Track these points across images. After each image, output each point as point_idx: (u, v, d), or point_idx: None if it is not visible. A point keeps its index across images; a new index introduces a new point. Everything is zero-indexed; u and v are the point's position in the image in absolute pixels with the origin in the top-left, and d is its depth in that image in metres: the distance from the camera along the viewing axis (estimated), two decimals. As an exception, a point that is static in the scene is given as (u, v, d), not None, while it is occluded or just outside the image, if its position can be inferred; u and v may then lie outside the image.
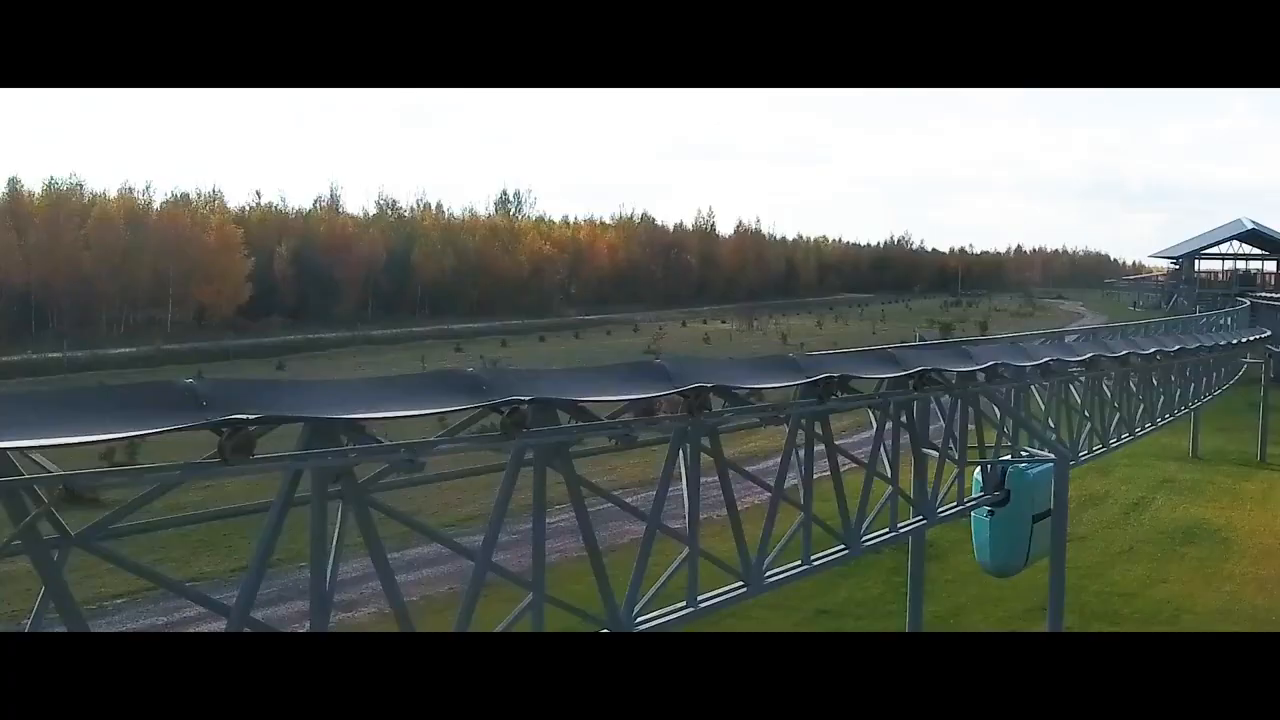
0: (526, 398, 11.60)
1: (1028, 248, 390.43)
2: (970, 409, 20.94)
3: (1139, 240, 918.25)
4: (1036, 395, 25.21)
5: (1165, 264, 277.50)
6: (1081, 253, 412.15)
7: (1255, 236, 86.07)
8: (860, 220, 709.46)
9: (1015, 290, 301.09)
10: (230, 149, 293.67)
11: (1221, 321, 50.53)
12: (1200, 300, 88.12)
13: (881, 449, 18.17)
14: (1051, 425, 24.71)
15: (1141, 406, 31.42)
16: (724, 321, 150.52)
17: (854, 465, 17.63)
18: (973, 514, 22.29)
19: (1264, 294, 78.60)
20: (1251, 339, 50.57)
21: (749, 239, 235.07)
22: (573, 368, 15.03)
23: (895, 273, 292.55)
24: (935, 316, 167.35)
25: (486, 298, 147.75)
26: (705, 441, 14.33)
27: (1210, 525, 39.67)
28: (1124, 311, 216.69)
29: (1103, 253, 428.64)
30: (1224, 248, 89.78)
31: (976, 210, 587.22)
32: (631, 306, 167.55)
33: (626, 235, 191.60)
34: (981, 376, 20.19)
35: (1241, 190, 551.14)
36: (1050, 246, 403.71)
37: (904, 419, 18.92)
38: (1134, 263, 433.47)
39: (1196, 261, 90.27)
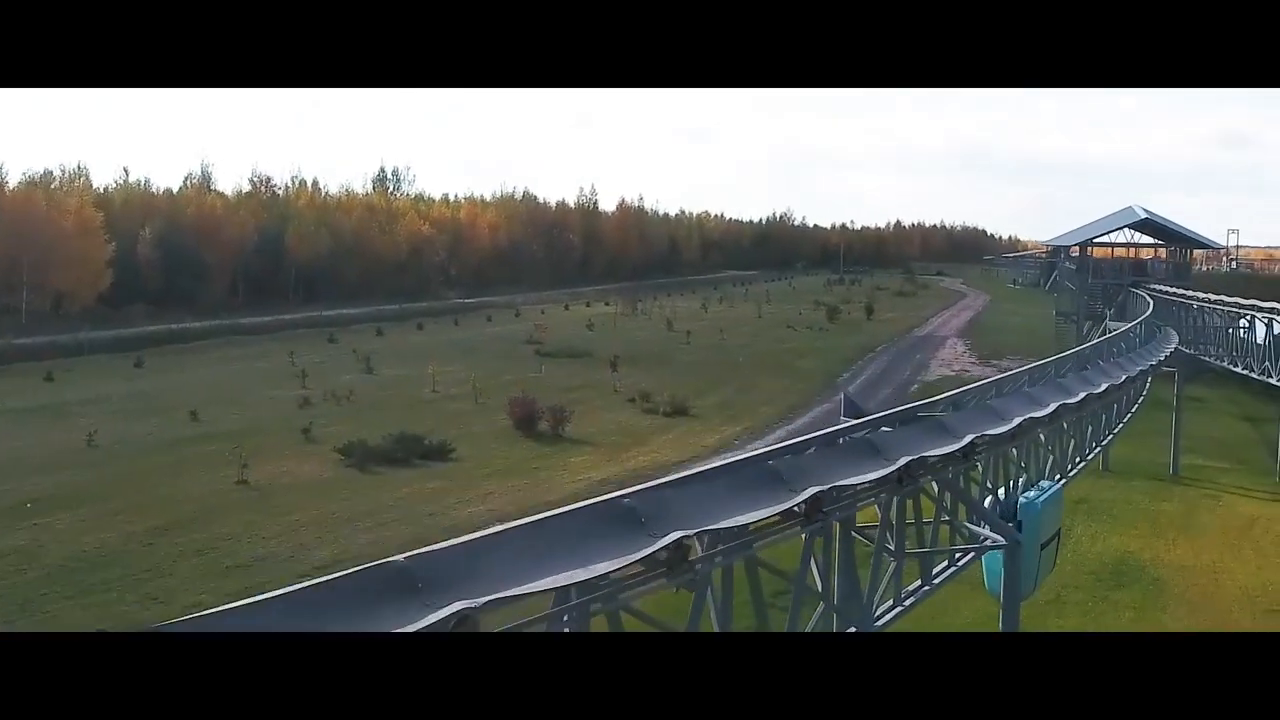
0: (690, 531, 11.34)
1: (907, 223, 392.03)
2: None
3: (1014, 215, 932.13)
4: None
5: (1043, 240, 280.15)
6: (959, 228, 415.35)
7: (1149, 226, 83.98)
8: (743, 197, 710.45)
9: (896, 266, 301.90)
10: (98, 123, 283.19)
11: (1133, 333, 47.60)
12: (1093, 290, 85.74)
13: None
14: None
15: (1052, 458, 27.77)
16: (607, 304, 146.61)
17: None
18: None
19: (1159, 286, 76.42)
20: (1164, 355, 47.77)
21: (631, 216, 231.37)
22: (690, 477, 13.36)
23: (778, 249, 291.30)
24: (820, 297, 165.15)
25: (363, 280, 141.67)
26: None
27: (1137, 561, 36.71)
28: (1004, 289, 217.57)
29: (979, 227, 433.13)
30: (1116, 235, 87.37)
31: (857, 186, 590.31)
32: (513, 287, 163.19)
33: (508, 214, 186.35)
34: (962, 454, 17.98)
35: (1114, 166, 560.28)
36: (929, 221, 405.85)
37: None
38: (1010, 237, 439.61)
39: (1089, 249, 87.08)
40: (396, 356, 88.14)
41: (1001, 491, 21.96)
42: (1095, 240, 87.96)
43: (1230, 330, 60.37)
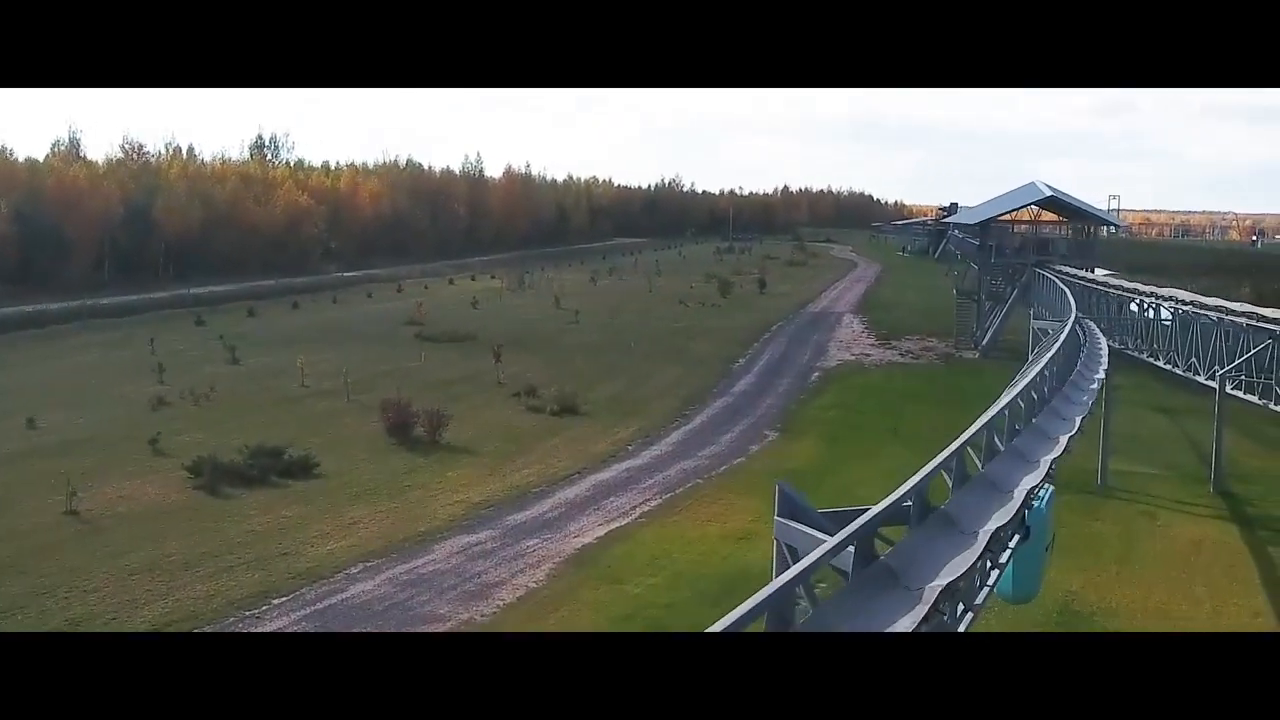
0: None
1: (795, 188, 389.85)
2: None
3: (900, 180, 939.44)
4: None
5: (929, 204, 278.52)
6: (846, 193, 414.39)
7: (1053, 203, 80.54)
8: (632, 164, 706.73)
9: (784, 232, 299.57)
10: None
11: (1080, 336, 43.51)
12: (997, 270, 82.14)
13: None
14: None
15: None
16: (494, 277, 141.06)
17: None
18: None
19: (1065, 268, 73.02)
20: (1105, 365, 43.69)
21: (519, 184, 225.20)
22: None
23: (667, 216, 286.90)
24: (711, 268, 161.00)
25: (238, 255, 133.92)
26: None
27: (1083, 605, 32.50)
28: (894, 257, 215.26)
29: (866, 193, 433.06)
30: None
31: (745, 151, 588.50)
32: (397, 259, 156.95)
33: (390, 182, 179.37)
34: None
35: (995, 133, 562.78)
36: (816, 186, 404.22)
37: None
38: (896, 202, 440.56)
39: (991, 226, 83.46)
40: (267, 341, 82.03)
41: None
42: (998, 218, 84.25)
43: (1140, 316, 56.98)
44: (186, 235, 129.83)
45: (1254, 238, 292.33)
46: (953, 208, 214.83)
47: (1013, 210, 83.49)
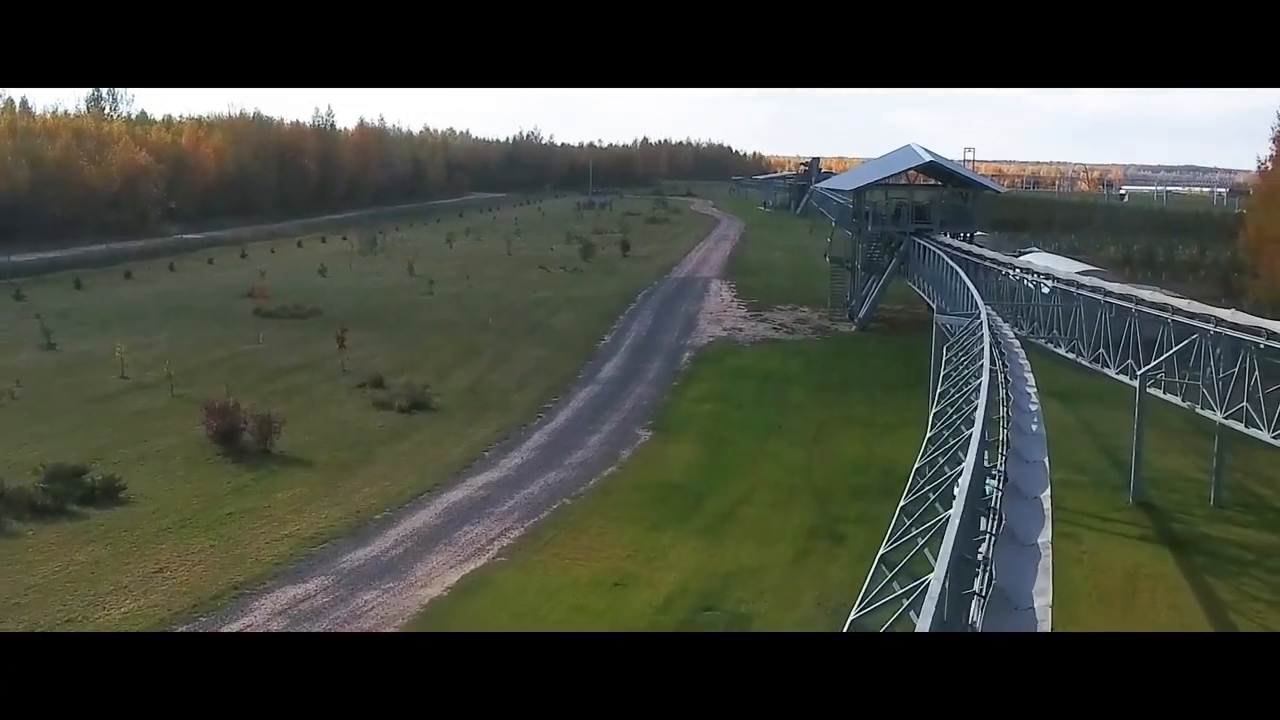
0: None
1: (654, 140, 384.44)
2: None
3: (757, 131, 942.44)
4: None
5: (786, 156, 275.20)
6: (704, 144, 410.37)
7: (933, 169, 76.07)
8: (489, 117, 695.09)
9: (644, 185, 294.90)
10: None
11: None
12: (873, 239, 77.37)
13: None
14: None
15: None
16: (344, 238, 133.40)
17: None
18: None
19: (947, 240, 68.45)
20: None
21: (372, 137, 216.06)
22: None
23: (525, 170, 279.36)
24: (572, 226, 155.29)
25: (70, 217, 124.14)
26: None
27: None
28: (756, 212, 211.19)
29: (725, 144, 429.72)
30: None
31: (604, 101, 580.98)
32: (243, 219, 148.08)
33: (235, 137, 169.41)
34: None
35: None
36: (674, 138, 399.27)
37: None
38: (754, 154, 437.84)
39: (866, 192, 78.54)
40: (91, 320, 74.23)
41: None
42: (875, 184, 79.35)
43: (1023, 293, 52.53)
44: (12, 197, 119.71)
45: (1120, 192, 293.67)
46: (814, 163, 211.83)
47: (890, 176, 78.60)
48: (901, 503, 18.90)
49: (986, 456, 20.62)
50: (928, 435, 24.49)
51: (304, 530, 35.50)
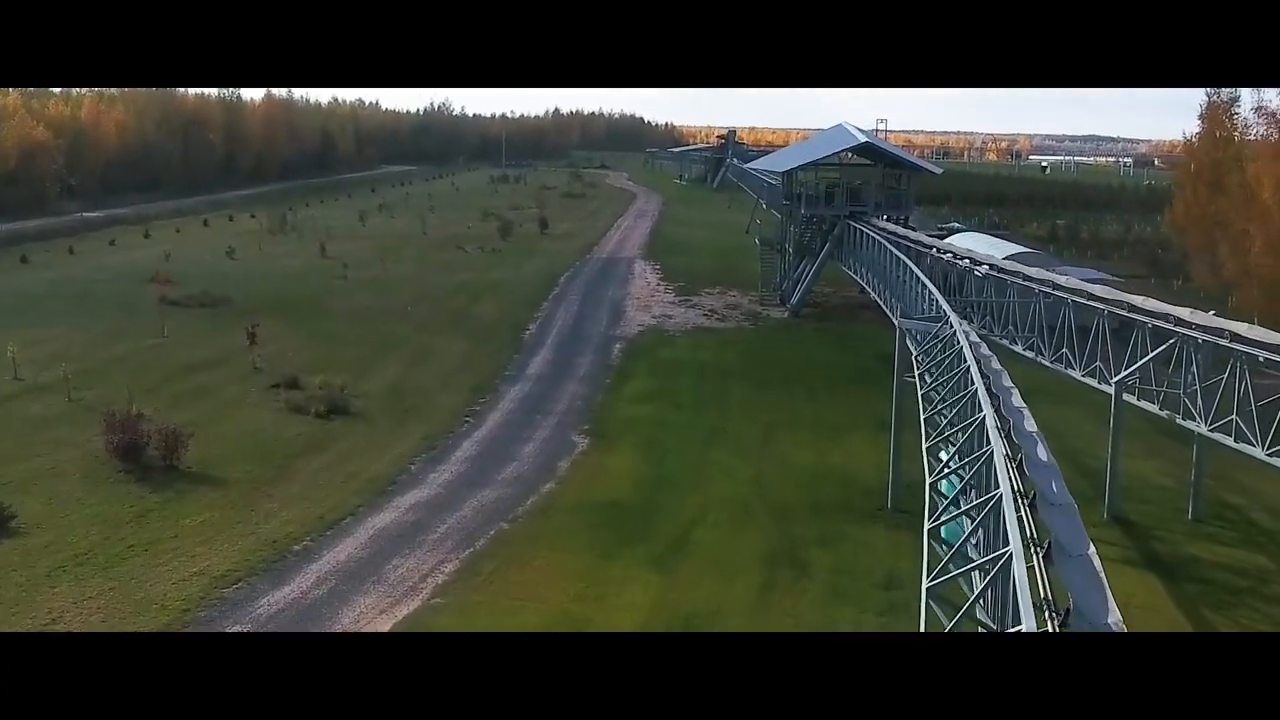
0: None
1: (565, 110, 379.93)
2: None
3: (671, 103, 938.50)
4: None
5: (700, 128, 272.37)
6: (617, 115, 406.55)
7: (868, 150, 73.21)
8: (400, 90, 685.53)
9: (557, 157, 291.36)
10: None
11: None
12: (805, 222, 74.40)
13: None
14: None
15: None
16: (253, 216, 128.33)
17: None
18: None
19: (884, 224, 65.62)
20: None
21: (279, 109, 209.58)
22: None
23: (437, 142, 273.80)
24: (487, 201, 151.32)
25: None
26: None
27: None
28: (672, 186, 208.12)
29: (637, 115, 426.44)
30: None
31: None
32: (146, 196, 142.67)
33: (138, 110, 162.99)
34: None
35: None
36: (586, 109, 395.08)
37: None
38: (667, 124, 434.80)
39: (796, 174, 75.48)
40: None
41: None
42: (808, 164, 76.24)
43: (972, 285, 49.83)
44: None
45: (1043, 164, 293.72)
46: (730, 136, 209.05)
47: (823, 158, 75.58)
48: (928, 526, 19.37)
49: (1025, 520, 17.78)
50: (929, 478, 21.80)
51: (215, 566, 31.83)
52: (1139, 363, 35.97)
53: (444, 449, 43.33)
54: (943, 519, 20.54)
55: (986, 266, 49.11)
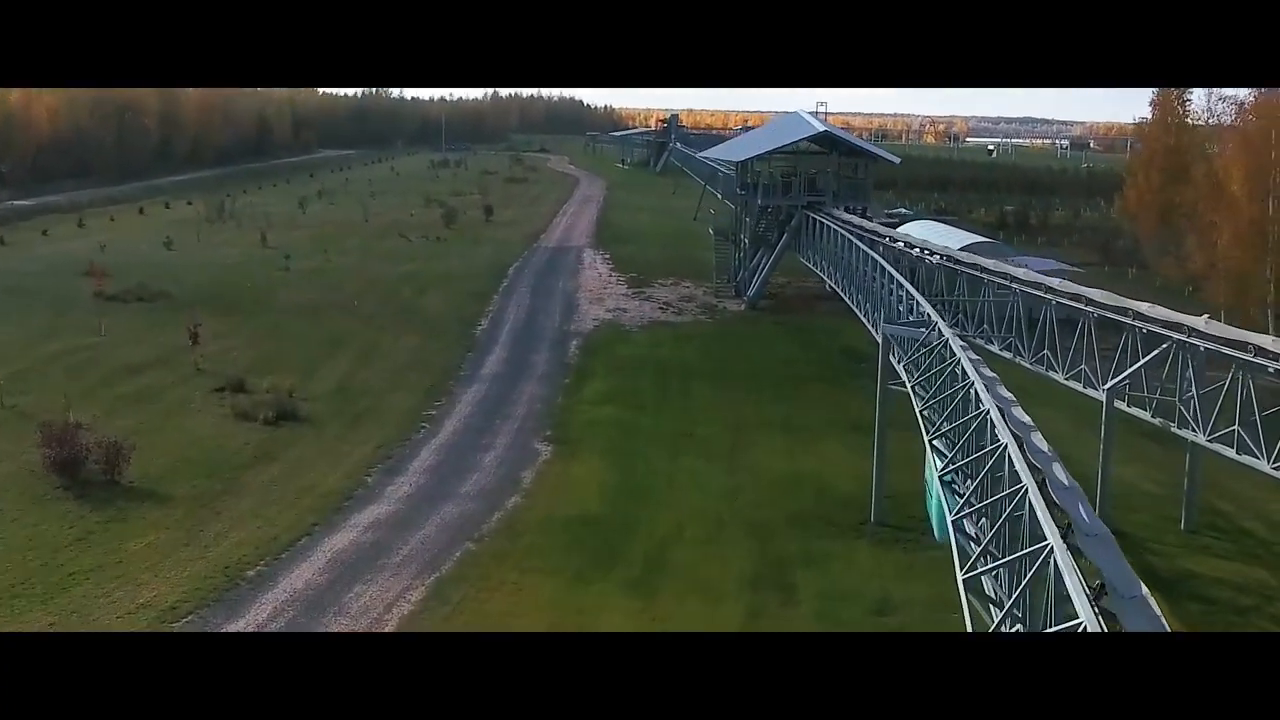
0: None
1: (505, 93, 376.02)
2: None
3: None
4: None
5: (639, 110, 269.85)
6: (556, 98, 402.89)
7: (826, 140, 71.56)
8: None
9: (497, 140, 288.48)
10: None
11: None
12: (760, 212, 72.50)
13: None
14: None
15: None
16: (190, 203, 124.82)
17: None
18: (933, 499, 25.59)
19: (843, 215, 63.90)
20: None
21: (215, 92, 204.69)
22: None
23: (376, 126, 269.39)
24: (429, 187, 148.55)
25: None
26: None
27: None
28: (615, 170, 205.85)
29: (577, 98, 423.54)
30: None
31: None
32: (80, 182, 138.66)
33: (70, 94, 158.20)
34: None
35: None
36: (525, 92, 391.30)
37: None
38: (605, 107, 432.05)
39: (752, 165, 73.56)
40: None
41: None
42: (765, 154, 74.28)
43: (943, 278, 48.15)
44: None
45: (989, 147, 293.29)
46: (673, 120, 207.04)
47: (780, 148, 73.64)
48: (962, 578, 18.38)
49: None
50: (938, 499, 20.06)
51: (164, 597, 29.51)
52: (1130, 369, 34.36)
53: (400, 458, 41.14)
54: (978, 569, 18.73)
55: (949, 259, 47.53)
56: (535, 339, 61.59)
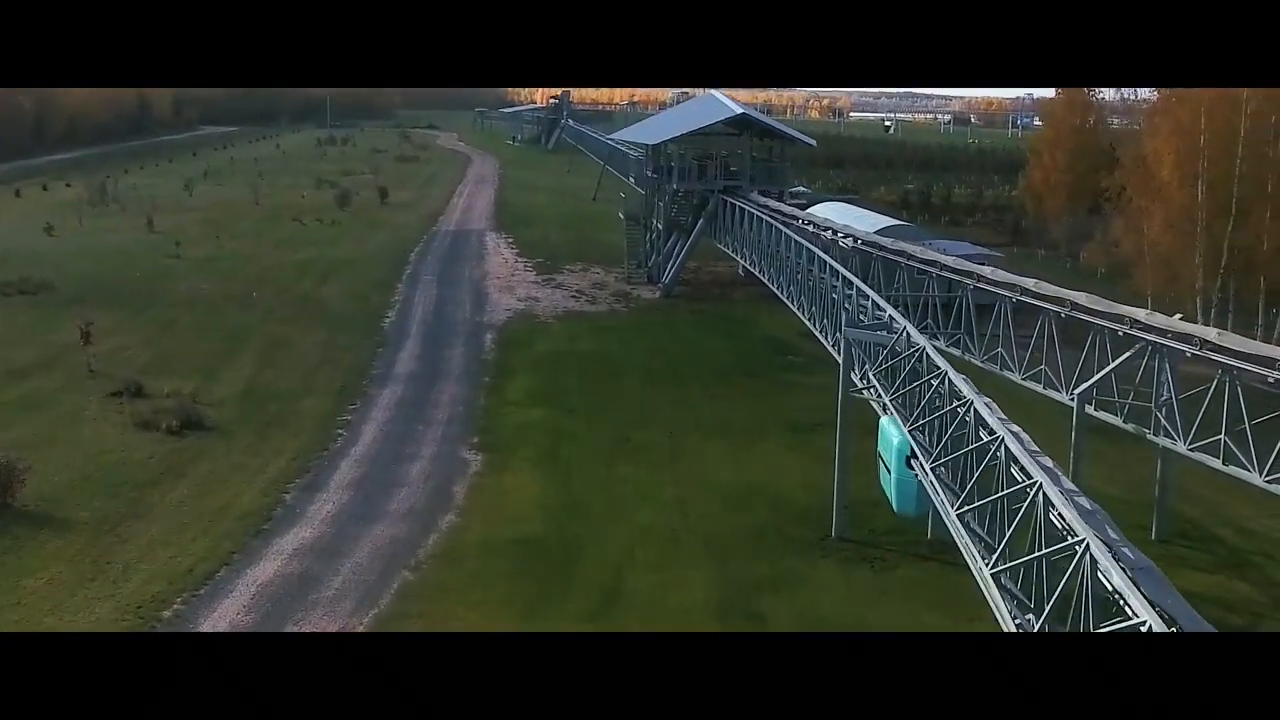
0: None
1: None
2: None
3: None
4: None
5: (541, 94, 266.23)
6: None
7: (743, 122, 69.30)
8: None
9: (383, 117, 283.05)
10: None
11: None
12: (673, 197, 70.00)
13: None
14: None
15: None
16: (69, 185, 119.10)
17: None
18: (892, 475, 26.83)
19: (762, 199, 61.64)
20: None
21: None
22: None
23: (258, 101, 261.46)
24: (319, 166, 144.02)
25: None
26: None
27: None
28: (506, 148, 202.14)
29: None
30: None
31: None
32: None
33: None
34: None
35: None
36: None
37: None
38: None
39: (664, 149, 70.90)
40: None
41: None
42: (682, 136, 71.59)
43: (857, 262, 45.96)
44: None
45: (886, 123, 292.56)
46: (564, 96, 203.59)
47: (698, 130, 70.99)
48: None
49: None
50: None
51: (70, 646, 26.35)
52: (1101, 373, 32.40)
53: (320, 471, 38.01)
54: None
55: (891, 250, 45.44)
56: (447, 332, 58.51)
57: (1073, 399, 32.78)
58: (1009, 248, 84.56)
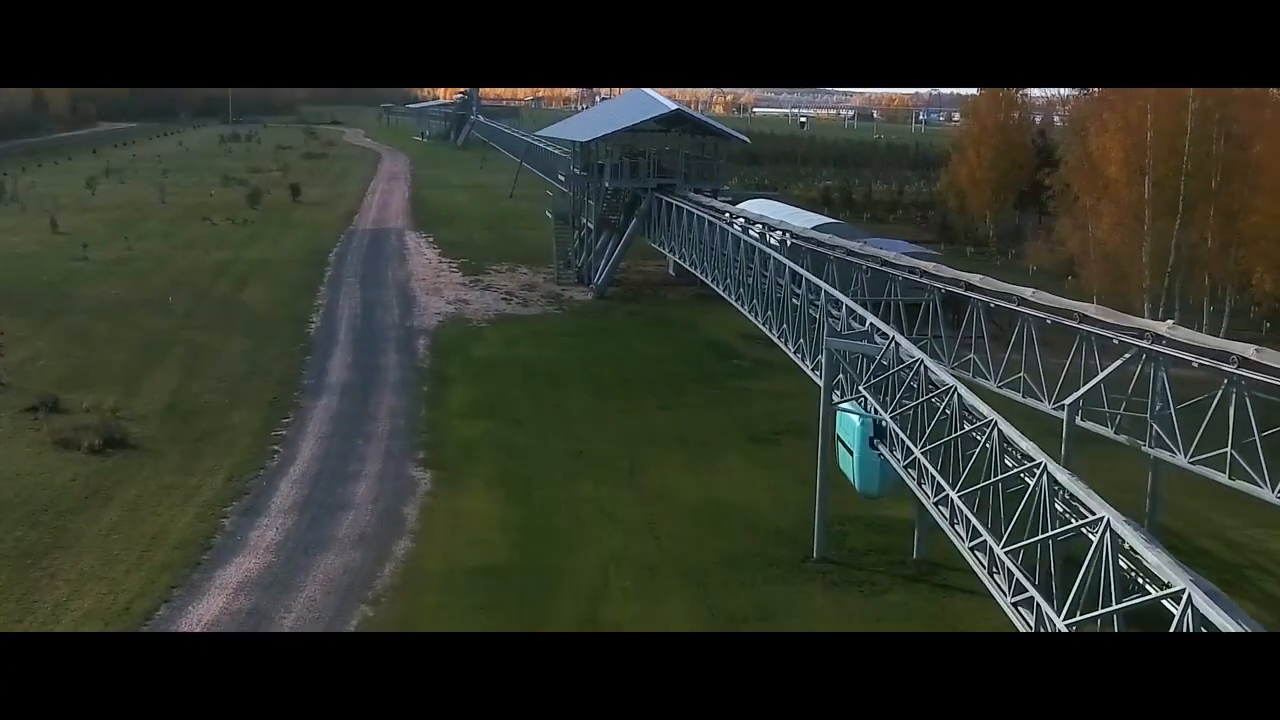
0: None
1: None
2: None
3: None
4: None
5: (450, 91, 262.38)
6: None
7: (679, 119, 67.72)
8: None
9: (286, 112, 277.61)
10: None
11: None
12: (604, 195, 67.82)
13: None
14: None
15: None
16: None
17: None
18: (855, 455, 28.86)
19: (696, 196, 59.78)
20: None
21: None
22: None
23: (158, 96, 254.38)
24: (224, 164, 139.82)
25: None
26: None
27: None
28: (415, 144, 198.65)
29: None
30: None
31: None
32: None
33: None
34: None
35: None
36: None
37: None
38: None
39: (594, 146, 68.66)
40: None
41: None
42: (613, 134, 69.36)
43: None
44: None
45: (801, 119, 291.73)
46: (473, 92, 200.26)
47: (630, 127, 68.75)
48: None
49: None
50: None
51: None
52: (1091, 382, 30.76)
53: (258, 492, 35.29)
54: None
55: (846, 252, 43.65)
56: (378, 338, 55.77)
57: (1058, 409, 31.09)
58: (936, 245, 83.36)
